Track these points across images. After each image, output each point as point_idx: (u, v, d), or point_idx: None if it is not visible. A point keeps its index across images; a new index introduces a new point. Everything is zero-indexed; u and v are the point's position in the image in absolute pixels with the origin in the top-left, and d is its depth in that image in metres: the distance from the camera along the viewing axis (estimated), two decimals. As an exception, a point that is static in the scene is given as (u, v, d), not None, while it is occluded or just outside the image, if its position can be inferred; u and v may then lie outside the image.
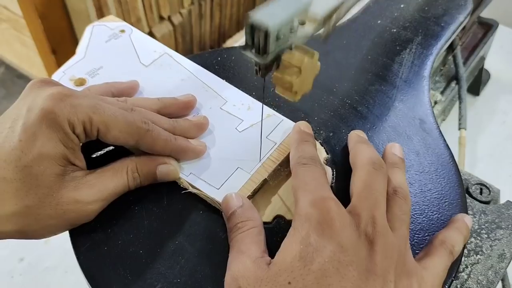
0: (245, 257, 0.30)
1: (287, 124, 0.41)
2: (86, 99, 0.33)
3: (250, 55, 0.30)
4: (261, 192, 0.37)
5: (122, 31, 0.46)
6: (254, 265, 0.29)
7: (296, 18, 0.30)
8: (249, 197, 0.36)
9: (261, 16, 0.28)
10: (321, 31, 0.33)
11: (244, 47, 0.30)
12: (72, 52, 0.44)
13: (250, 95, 0.43)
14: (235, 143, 0.39)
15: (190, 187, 0.36)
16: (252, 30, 0.29)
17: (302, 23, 0.32)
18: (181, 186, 0.37)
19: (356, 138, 0.39)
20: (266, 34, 0.28)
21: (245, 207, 0.33)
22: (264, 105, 0.40)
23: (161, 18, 1.07)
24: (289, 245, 0.29)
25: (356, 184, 0.33)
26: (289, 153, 0.37)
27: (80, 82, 0.41)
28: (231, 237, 0.33)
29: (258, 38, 0.29)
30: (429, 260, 0.32)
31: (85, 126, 0.32)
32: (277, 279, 0.28)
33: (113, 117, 0.33)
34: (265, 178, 0.37)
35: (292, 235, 0.30)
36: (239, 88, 0.44)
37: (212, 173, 0.37)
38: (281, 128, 0.40)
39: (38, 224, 0.31)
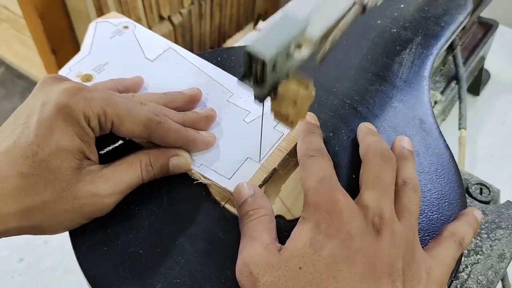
0: (256, 243, 0.31)
1: None
2: (99, 92, 0.33)
3: (249, 85, 0.31)
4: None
5: (126, 27, 0.46)
6: (266, 251, 0.30)
7: (293, 43, 0.31)
8: (260, 186, 0.37)
9: (258, 46, 0.29)
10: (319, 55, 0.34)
11: (242, 77, 0.31)
12: (72, 52, 0.44)
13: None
14: (244, 134, 0.40)
15: (202, 178, 0.37)
16: (250, 60, 0.30)
17: (299, 46, 0.33)
18: (192, 177, 0.37)
19: (365, 130, 0.40)
20: (263, 65, 0.29)
21: (257, 196, 0.34)
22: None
23: (161, 18, 1.07)
24: (300, 233, 0.30)
25: (365, 175, 0.34)
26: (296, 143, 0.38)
27: (87, 78, 0.42)
28: (242, 224, 0.33)
29: (256, 69, 0.30)
30: (439, 250, 0.33)
31: (100, 119, 0.32)
32: (288, 264, 0.29)
33: (126, 110, 0.33)
34: (275, 167, 0.37)
35: (302, 224, 0.30)
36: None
37: (222, 164, 0.38)
38: None
39: (55, 219, 0.32)
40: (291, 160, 0.39)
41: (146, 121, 0.34)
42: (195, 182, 0.37)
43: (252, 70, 0.31)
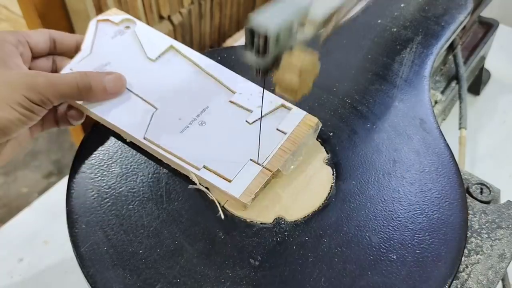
0: None
1: (297, 113, 0.41)
2: None
3: (250, 56, 0.30)
4: (261, 193, 0.37)
5: (127, 27, 0.46)
6: None
7: (295, 21, 0.31)
8: (261, 189, 0.37)
9: (260, 19, 0.29)
10: (321, 30, 0.33)
11: (244, 48, 0.31)
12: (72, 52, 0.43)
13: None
14: (246, 135, 0.40)
15: (200, 184, 0.37)
16: (252, 33, 0.29)
17: (302, 25, 0.32)
18: (192, 180, 0.37)
19: None
20: (266, 38, 0.29)
21: None
22: (273, 94, 0.40)
23: (161, 17, 1.07)
24: None
25: None
26: (300, 143, 0.38)
27: None
28: None
29: (258, 41, 0.29)
30: None
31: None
32: None
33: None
34: (278, 169, 0.37)
35: None
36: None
37: (224, 166, 0.37)
38: (291, 117, 0.41)
39: None
40: (295, 160, 0.39)
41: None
42: (192, 186, 0.37)
43: (253, 45, 0.30)
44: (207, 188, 0.37)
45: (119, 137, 0.40)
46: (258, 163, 0.38)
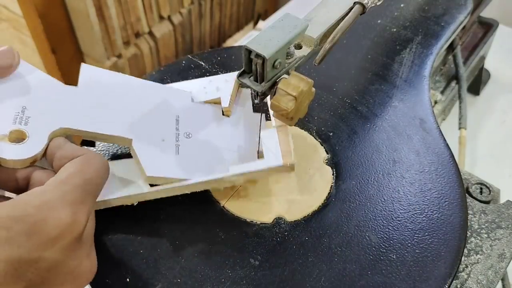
0: None
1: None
2: None
3: (248, 82, 0.31)
4: (259, 192, 0.37)
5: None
6: None
7: (292, 44, 0.31)
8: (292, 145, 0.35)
9: (258, 44, 0.29)
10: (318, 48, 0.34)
11: (241, 74, 0.31)
12: (71, 52, 0.43)
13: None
14: (233, 121, 0.38)
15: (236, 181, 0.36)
16: (250, 58, 0.30)
17: (299, 47, 0.33)
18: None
19: None
20: (263, 63, 0.29)
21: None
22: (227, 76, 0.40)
23: (161, 17, 1.07)
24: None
25: None
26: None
27: (16, 136, 0.31)
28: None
29: (256, 66, 0.30)
30: None
31: None
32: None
33: None
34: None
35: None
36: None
37: (242, 154, 0.37)
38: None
39: None
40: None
41: None
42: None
43: (251, 68, 0.31)
44: None
45: None
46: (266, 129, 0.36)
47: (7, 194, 0.32)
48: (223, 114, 0.40)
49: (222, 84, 0.40)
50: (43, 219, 0.25)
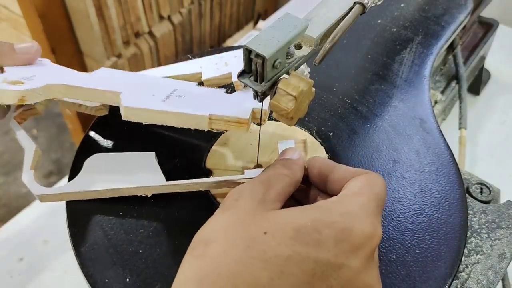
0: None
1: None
2: None
3: (248, 82, 0.31)
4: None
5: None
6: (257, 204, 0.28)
7: (292, 44, 0.31)
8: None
9: (258, 44, 0.29)
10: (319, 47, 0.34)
11: (242, 74, 0.31)
12: (71, 51, 0.43)
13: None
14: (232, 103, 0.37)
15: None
16: (250, 58, 0.30)
17: (299, 47, 0.33)
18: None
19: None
20: (263, 63, 0.29)
21: (294, 160, 0.32)
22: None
23: (161, 17, 1.07)
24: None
25: None
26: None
27: (15, 82, 0.35)
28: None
29: (256, 66, 0.30)
30: None
31: None
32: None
33: None
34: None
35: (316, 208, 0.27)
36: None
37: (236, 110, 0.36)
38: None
39: None
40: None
41: None
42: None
43: (251, 67, 0.31)
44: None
45: (118, 135, 0.40)
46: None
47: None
48: (229, 92, 0.39)
49: (232, 60, 0.41)
50: (349, 227, 0.26)
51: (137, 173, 0.36)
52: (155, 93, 0.36)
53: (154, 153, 0.38)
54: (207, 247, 0.26)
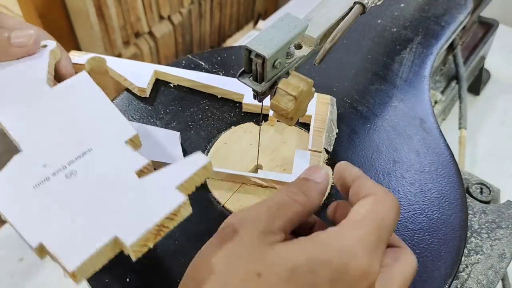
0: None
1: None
2: None
3: (248, 82, 0.31)
4: (260, 192, 0.37)
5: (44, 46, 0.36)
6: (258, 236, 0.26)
7: (292, 44, 0.31)
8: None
9: (258, 44, 0.29)
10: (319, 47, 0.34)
11: (241, 74, 0.31)
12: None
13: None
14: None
15: (264, 182, 0.38)
16: (250, 58, 0.30)
17: (299, 47, 0.33)
18: (255, 184, 0.38)
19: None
20: (263, 63, 0.29)
21: (311, 184, 0.29)
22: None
23: (161, 17, 1.07)
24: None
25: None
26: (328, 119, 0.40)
27: None
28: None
29: (256, 66, 0.30)
30: None
31: None
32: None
33: None
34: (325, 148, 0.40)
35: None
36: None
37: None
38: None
39: None
40: (332, 136, 0.41)
41: None
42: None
43: (251, 67, 0.31)
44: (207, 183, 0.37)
45: None
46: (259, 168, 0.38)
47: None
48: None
49: None
50: (344, 265, 0.25)
51: (159, 148, 0.38)
52: (51, 160, 0.28)
53: (179, 133, 0.40)
54: (198, 287, 0.25)
